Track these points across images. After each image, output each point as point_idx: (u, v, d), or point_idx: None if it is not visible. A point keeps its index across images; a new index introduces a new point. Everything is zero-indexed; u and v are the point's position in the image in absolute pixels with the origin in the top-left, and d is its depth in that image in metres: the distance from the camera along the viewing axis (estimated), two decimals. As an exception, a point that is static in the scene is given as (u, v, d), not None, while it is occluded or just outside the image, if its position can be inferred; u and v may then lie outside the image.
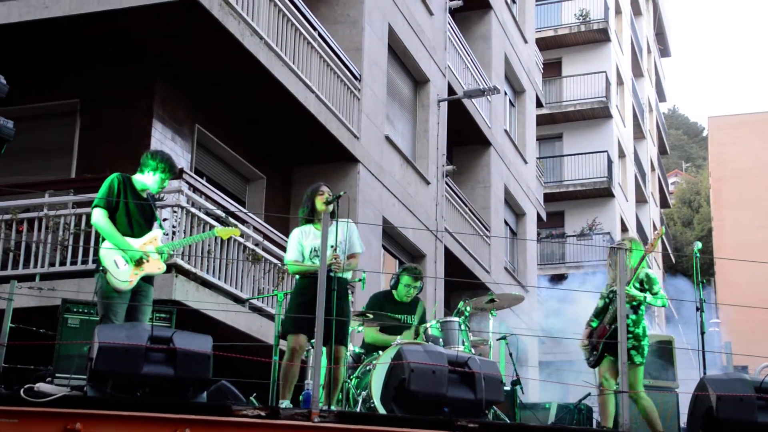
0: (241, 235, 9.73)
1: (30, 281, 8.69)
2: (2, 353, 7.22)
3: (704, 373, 6.87)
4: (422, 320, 7.84)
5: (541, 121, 27.23)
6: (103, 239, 6.34)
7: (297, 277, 6.85)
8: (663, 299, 6.83)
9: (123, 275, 6.23)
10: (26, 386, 5.20)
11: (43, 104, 10.92)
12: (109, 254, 6.25)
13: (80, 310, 7.14)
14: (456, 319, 7.63)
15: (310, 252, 6.65)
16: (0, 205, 9.30)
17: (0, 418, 4.98)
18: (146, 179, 6.54)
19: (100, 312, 6.26)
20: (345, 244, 6.69)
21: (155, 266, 6.42)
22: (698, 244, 7.78)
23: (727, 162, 42.94)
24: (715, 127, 45.55)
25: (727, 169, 42.85)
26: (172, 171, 6.60)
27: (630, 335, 6.70)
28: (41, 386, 5.41)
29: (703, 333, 7.22)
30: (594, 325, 7.11)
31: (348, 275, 6.75)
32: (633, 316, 6.83)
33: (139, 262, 6.29)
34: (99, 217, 6.31)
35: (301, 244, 6.71)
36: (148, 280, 6.43)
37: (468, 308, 7.84)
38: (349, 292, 7.23)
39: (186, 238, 7.65)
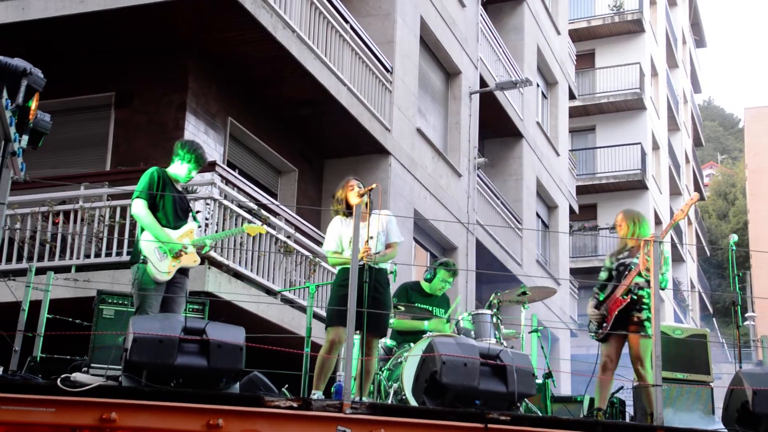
0: (273, 227, 9.78)
1: (66, 272, 8.80)
2: (39, 343, 7.34)
3: (740, 367, 6.78)
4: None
5: (574, 113, 27.00)
6: (142, 230, 6.39)
7: (337, 268, 6.85)
8: (665, 281, 6.68)
9: (162, 266, 6.30)
10: (63, 376, 5.25)
11: (79, 98, 11.04)
12: (149, 245, 6.32)
13: (115, 301, 7.20)
14: (488, 311, 7.60)
15: (349, 242, 6.64)
16: (37, 197, 9.43)
17: (37, 407, 5.06)
18: (177, 169, 6.58)
19: (135, 303, 6.33)
20: (383, 235, 6.67)
21: (191, 259, 6.50)
22: (734, 237, 7.67)
23: (764, 153, 42.36)
24: (752, 118, 44.95)
25: (763, 161, 42.28)
26: (200, 162, 6.58)
27: (645, 307, 6.74)
28: (77, 376, 5.47)
29: (738, 327, 7.14)
30: (601, 297, 6.96)
31: (386, 266, 6.74)
32: (648, 289, 6.72)
33: (177, 255, 6.35)
34: (140, 208, 6.34)
35: (340, 234, 6.72)
36: (183, 272, 6.49)
37: (499, 301, 7.81)
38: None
39: (217, 233, 7.68)
